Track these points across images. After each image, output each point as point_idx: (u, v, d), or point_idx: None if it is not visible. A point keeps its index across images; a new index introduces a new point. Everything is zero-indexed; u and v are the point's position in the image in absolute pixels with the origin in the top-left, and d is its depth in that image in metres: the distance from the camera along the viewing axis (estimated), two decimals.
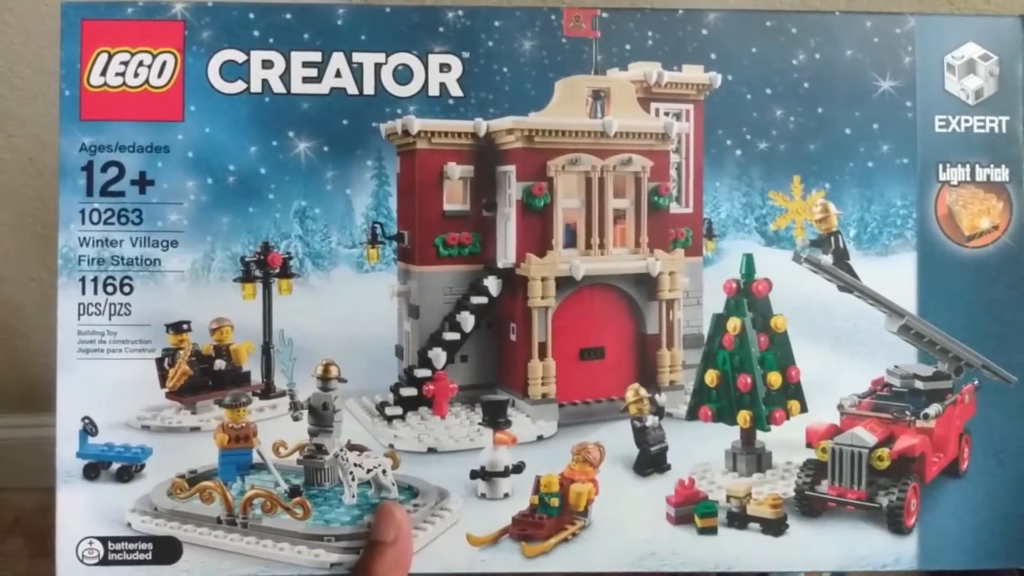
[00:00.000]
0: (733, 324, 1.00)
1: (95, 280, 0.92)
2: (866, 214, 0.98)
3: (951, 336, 0.96)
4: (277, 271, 0.96)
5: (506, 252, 1.13)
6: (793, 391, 0.99)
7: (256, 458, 0.95)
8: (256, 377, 1.01)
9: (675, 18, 0.96)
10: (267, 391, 1.01)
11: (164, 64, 0.92)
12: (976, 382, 0.97)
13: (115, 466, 0.93)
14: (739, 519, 0.94)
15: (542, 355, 1.09)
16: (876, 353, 0.97)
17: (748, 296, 1.00)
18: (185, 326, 0.94)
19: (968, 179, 0.96)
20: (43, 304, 1.47)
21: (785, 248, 0.98)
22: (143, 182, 0.92)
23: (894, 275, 0.97)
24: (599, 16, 0.95)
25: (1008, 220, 0.96)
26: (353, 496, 0.94)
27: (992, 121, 0.96)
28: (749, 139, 0.97)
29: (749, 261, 0.99)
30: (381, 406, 1.04)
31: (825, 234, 0.97)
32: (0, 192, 1.41)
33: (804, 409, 0.99)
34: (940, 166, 0.96)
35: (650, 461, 0.96)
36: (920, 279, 0.97)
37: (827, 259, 0.97)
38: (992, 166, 0.96)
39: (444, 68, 0.94)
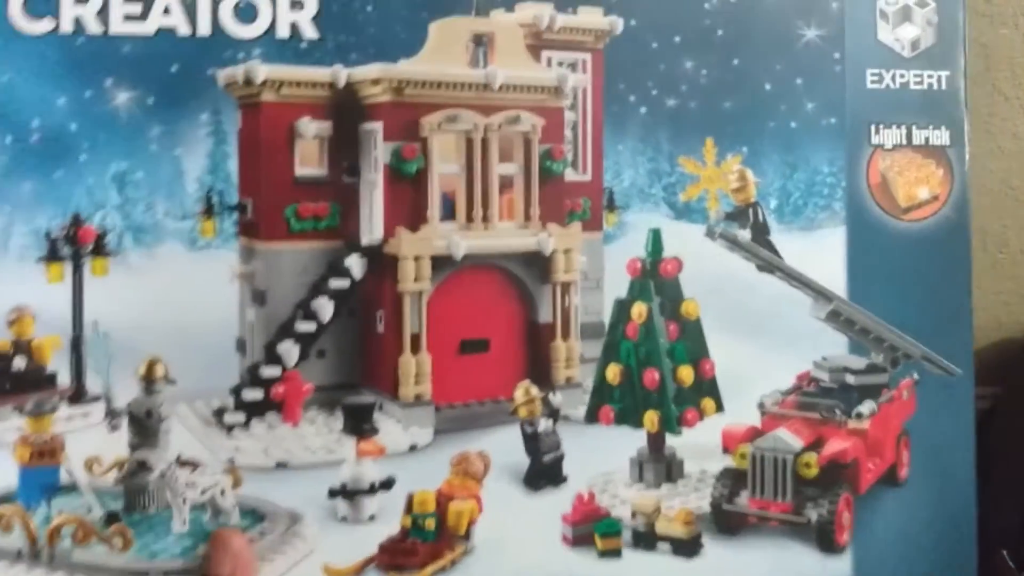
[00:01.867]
0: (638, 310, 1.02)
1: None
2: (788, 182, 1.01)
3: (886, 323, 0.98)
4: (90, 249, 0.95)
5: (372, 227, 1.13)
6: (707, 388, 1.02)
7: (65, 477, 0.92)
8: (64, 378, 1.00)
9: None
10: (77, 395, 1.00)
11: None
12: (915, 376, 1.00)
13: None
14: (646, 539, 0.95)
15: (415, 349, 1.10)
16: (801, 343, 1.00)
17: (655, 278, 1.02)
18: None
19: (904, 142, 1.00)
20: None
21: (697, 222, 1.01)
22: None
23: (821, 252, 1.00)
24: None
25: (949, 190, 0.99)
26: (184, 523, 0.91)
27: (930, 76, 0.99)
28: (655, 95, 1.00)
29: (656, 237, 1.01)
30: (219, 412, 1.04)
31: (742, 206, 1.00)
32: None
33: (720, 408, 1.02)
34: (872, 127, 1.00)
35: (543, 472, 0.98)
36: (850, 257, 1.00)
37: (745, 234, 1.00)
38: (931, 128, 0.99)
39: (296, 5, 0.94)
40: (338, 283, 1.12)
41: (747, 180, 1.00)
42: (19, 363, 0.99)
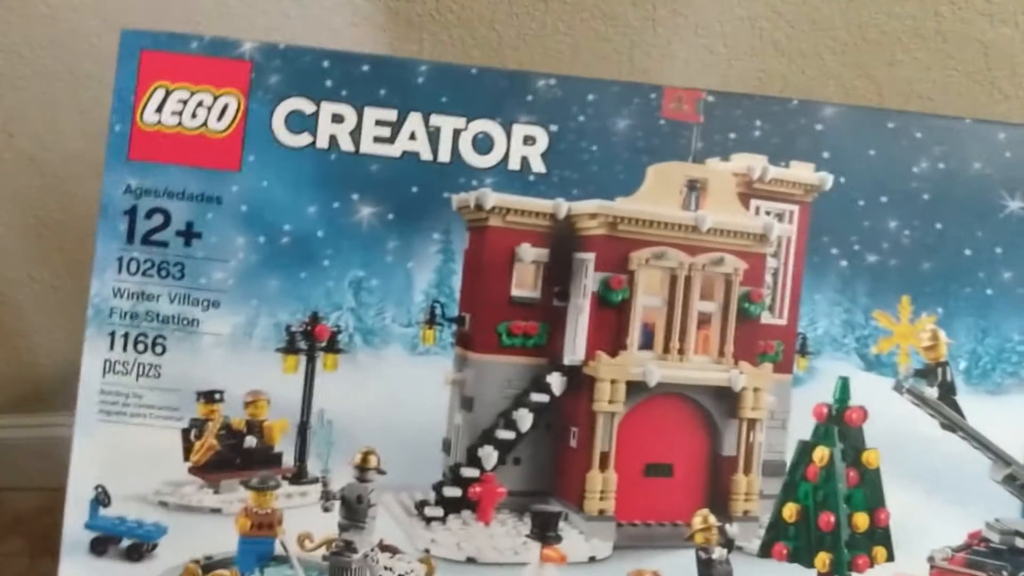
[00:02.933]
0: (820, 454, 1.06)
1: (125, 336, 1.03)
2: (979, 346, 1.06)
3: None
4: (324, 344, 1.05)
5: (575, 347, 1.18)
6: (880, 536, 1.05)
7: (279, 549, 1.02)
8: (288, 459, 1.10)
9: (788, 109, 1.07)
10: (298, 476, 1.10)
11: (226, 107, 1.03)
12: None
13: (125, 542, 1.03)
14: None
15: (603, 466, 1.15)
16: (976, 503, 1.05)
17: (840, 424, 1.06)
18: (217, 396, 1.04)
19: None
20: (44, 304, 1.64)
21: (886, 375, 1.07)
22: (189, 234, 1.03)
23: (1005, 417, 1.06)
24: (704, 99, 1.06)
25: None
26: None
27: None
28: (857, 250, 1.06)
29: (844, 385, 1.06)
30: (420, 505, 1.11)
31: (932, 364, 1.05)
32: (0, 192, 1.57)
33: (891, 558, 1.05)
34: None
35: None
36: None
37: (932, 392, 1.05)
38: None
39: (528, 140, 1.04)
40: (539, 397, 1.18)
41: (939, 340, 1.05)
42: (250, 441, 1.11)
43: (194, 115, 1.04)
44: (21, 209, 1.59)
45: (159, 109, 1.04)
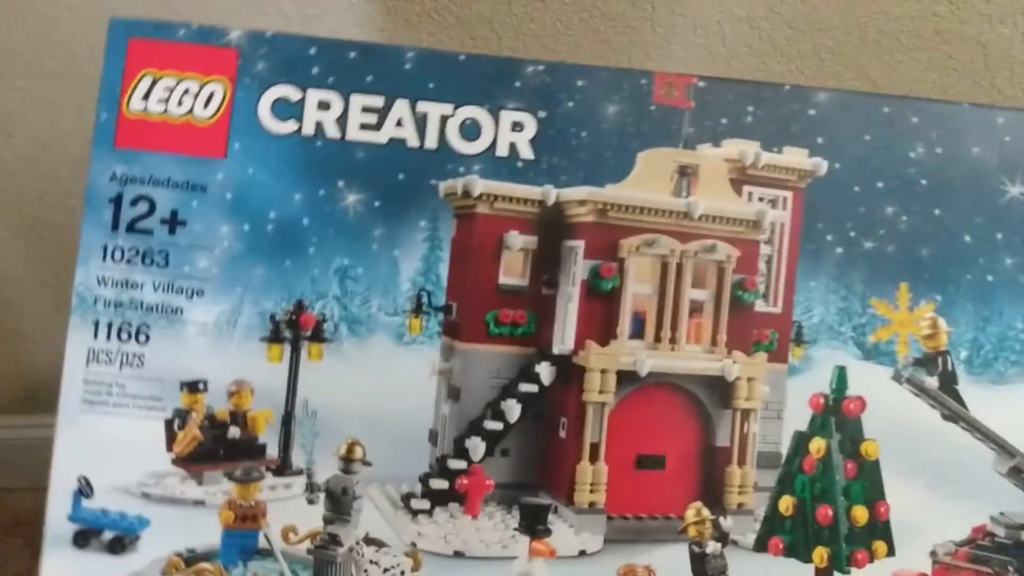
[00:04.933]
0: (817, 445, 1.04)
1: (109, 325, 1.03)
2: (981, 335, 1.05)
3: None
4: (308, 334, 1.05)
5: (564, 337, 1.18)
6: (880, 530, 1.04)
7: (262, 542, 1.02)
8: (272, 450, 1.10)
9: (780, 94, 1.06)
10: (282, 467, 1.10)
11: (212, 95, 1.04)
12: None
13: (108, 535, 1.03)
14: None
15: (593, 458, 1.14)
16: (979, 496, 1.03)
17: (837, 415, 1.05)
18: (201, 385, 1.04)
19: None
20: (43, 304, 1.63)
21: (884, 364, 1.06)
22: (174, 221, 1.03)
23: (1008, 407, 1.04)
24: (695, 85, 1.05)
25: None
26: None
27: None
28: (853, 236, 1.05)
29: (842, 375, 1.05)
30: (407, 497, 1.11)
31: (932, 353, 1.04)
32: (0, 192, 1.58)
33: (891, 552, 1.04)
34: None
35: None
36: None
37: (932, 381, 1.04)
38: None
39: (516, 127, 1.04)
40: (527, 387, 1.18)
41: (939, 328, 1.04)
42: (234, 432, 1.11)
43: (180, 103, 1.05)
44: (21, 209, 1.60)
45: (145, 97, 1.05)
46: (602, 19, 1.50)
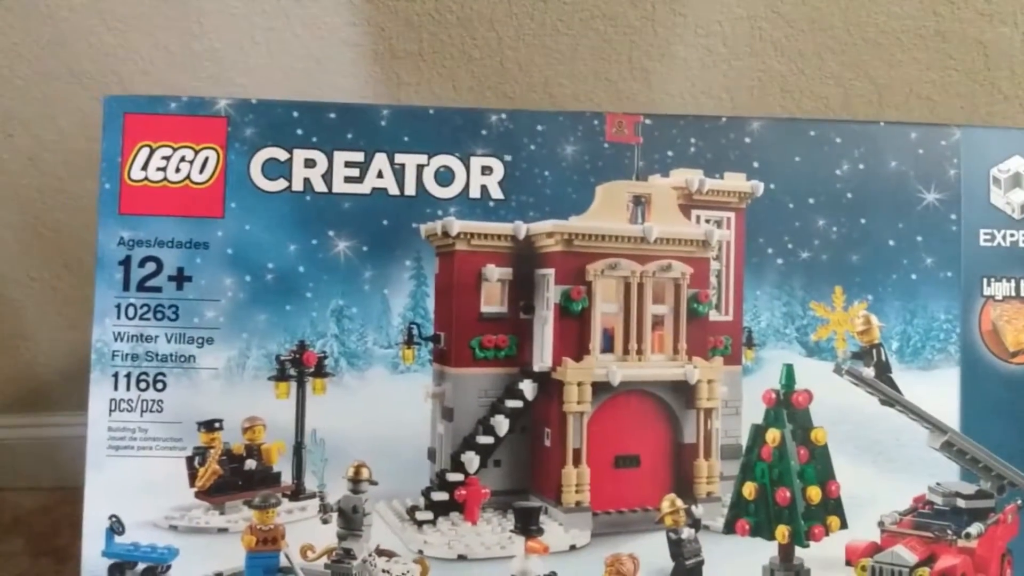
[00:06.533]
0: (772, 435, 1.10)
1: (128, 376, 1.07)
2: (909, 327, 1.12)
3: (994, 454, 1.10)
4: (312, 370, 1.09)
5: (543, 355, 1.24)
6: (833, 506, 1.10)
7: (283, 561, 1.06)
8: (286, 478, 1.14)
9: (718, 126, 1.13)
10: (297, 492, 1.14)
11: (206, 160, 1.08)
12: (1020, 501, 1.11)
13: (140, 567, 1.07)
14: None
15: (576, 462, 1.20)
16: (918, 469, 1.11)
17: (788, 407, 1.11)
18: (217, 424, 1.09)
19: (1013, 294, 1.12)
20: (44, 304, 1.62)
21: (826, 359, 1.12)
22: (181, 278, 1.08)
23: (937, 390, 1.11)
24: (642, 122, 1.12)
25: None
26: None
27: None
28: (791, 248, 1.12)
29: (789, 371, 1.11)
30: (412, 510, 1.16)
31: (867, 346, 1.11)
32: (0, 192, 1.56)
33: (844, 525, 1.10)
34: (984, 280, 1.12)
35: (685, 574, 1.07)
36: (963, 395, 1.11)
37: (869, 372, 1.11)
38: None
39: (486, 171, 1.10)
40: (513, 403, 1.23)
41: (871, 324, 1.11)
42: (250, 464, 1.14)
43: (177, 169, 1.09)
44: (21, 209, 1.58)
45: (144, 166, 1.09)
46: (602, 19, 1.50)
